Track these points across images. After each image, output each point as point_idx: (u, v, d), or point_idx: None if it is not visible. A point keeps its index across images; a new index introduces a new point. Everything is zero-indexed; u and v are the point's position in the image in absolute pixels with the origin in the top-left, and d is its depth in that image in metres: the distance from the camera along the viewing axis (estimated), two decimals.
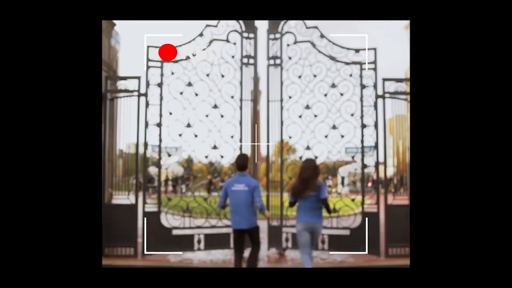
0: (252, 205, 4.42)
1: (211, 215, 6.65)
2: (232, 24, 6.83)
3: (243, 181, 4.42)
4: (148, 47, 6.43)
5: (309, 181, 4.36)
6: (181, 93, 6.56)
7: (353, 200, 6.63)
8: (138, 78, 6.37)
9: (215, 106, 6.69)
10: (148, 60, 6.42)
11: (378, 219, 6.34)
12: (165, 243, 6.30)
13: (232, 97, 6.74)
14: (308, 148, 6.74)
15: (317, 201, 4.39)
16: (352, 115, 6.59)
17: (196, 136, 6.59)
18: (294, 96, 6.80)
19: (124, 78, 6.53)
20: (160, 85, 6.44)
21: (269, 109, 6.87)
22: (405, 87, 6.49)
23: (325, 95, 6.73)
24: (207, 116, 6.65)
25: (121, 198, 6.34)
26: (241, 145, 6.71)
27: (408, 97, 6.47)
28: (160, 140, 6.39)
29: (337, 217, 6.55)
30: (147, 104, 6.35)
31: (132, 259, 6.12)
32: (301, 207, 4.48)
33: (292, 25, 6.86)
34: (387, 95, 6.48)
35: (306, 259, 4.53)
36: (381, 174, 6.93)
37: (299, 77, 6.80)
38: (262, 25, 6.93)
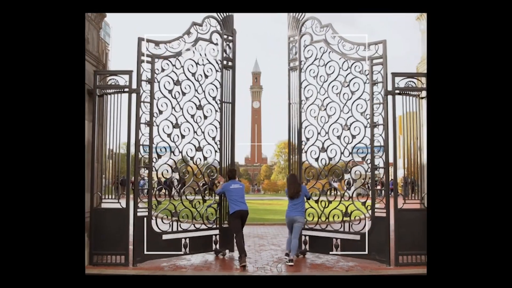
0: (244, 196, 6.28)
1: (196, 218, 6.47)
2: (215, 24, 6.76)
3: (236, 182, 6.39)
4: (139, 40, 5.97)
5: (294, 187, 6.25)
6: (170, 91, 6.28)
7: (364, 203, 6.22)
8: (130, 72, 5.92)
9: (200, 107, 6.56)
10: (140, 54, 5.96)
11: (388, 224, 5.91)
12: (156, 248, 5.98)
13: (214, 98, 6.68)
14: (323, 149, 6.61)
15: (300, 202, 6.23)
16: (362, 113, 6.26)
17: (183, 136, 6.42)
18: (311, 97, 6.80)
19: (114, 73, 6.08)
20: (150, 81, 6.01)
21: (290, 112, 6.99)
22: (417, 82, 6.05)
23: (338, 94, 6.56)
24: (192, 116, 6.49)
25: (111, 202, 5.90)
26: (221, 146, 6.73)
27: (420, 93, 6.03)
28: (151, 140, 5.98)
29: (349, 222, 6.28)
30: (138, 101, 5.90)
31: (123, 267, 5.68)
32: (289, 206, 6.26)
33: (308, 26, 6.86)
34: (397, 91, 6.04)
35: (289, 240, 6.21)
36: (391, 176, 6.50)
37: (315, 77, 6.76)
38: (239, 28, 6.77)
